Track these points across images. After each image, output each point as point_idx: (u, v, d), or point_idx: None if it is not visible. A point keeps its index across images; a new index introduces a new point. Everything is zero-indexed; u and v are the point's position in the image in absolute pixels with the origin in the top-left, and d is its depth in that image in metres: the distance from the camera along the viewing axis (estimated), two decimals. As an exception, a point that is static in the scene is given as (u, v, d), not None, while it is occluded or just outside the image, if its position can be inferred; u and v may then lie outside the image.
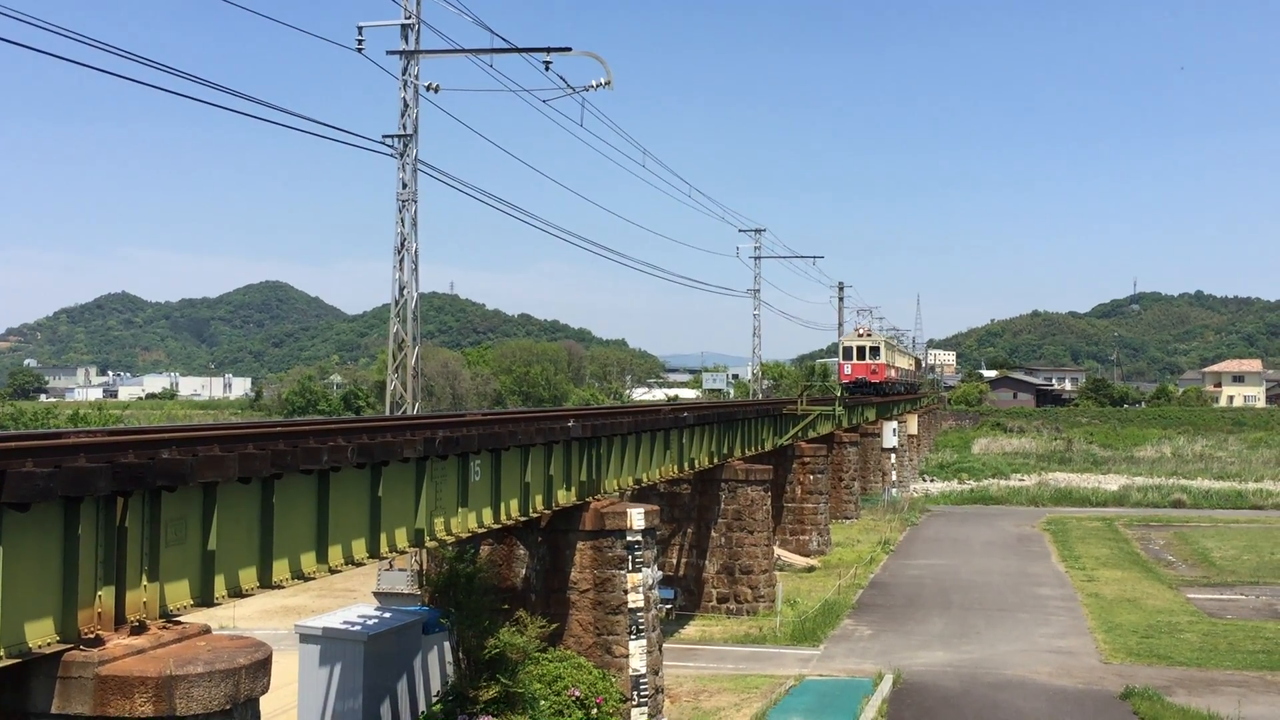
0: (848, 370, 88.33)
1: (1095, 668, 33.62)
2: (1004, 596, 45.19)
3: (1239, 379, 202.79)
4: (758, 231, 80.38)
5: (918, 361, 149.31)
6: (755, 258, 78.99)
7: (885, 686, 30.56)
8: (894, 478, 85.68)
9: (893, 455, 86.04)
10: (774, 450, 51.25)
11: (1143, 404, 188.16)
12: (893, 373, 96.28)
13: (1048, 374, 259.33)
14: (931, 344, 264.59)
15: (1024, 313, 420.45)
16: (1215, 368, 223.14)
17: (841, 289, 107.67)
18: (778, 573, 45.61)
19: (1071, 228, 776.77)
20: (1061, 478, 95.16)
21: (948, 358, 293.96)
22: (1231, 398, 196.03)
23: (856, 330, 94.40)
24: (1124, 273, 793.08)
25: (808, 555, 54.46)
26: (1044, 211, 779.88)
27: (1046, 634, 38.21)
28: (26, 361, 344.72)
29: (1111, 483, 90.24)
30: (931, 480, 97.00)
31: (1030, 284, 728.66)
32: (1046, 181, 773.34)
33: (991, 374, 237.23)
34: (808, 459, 56.99)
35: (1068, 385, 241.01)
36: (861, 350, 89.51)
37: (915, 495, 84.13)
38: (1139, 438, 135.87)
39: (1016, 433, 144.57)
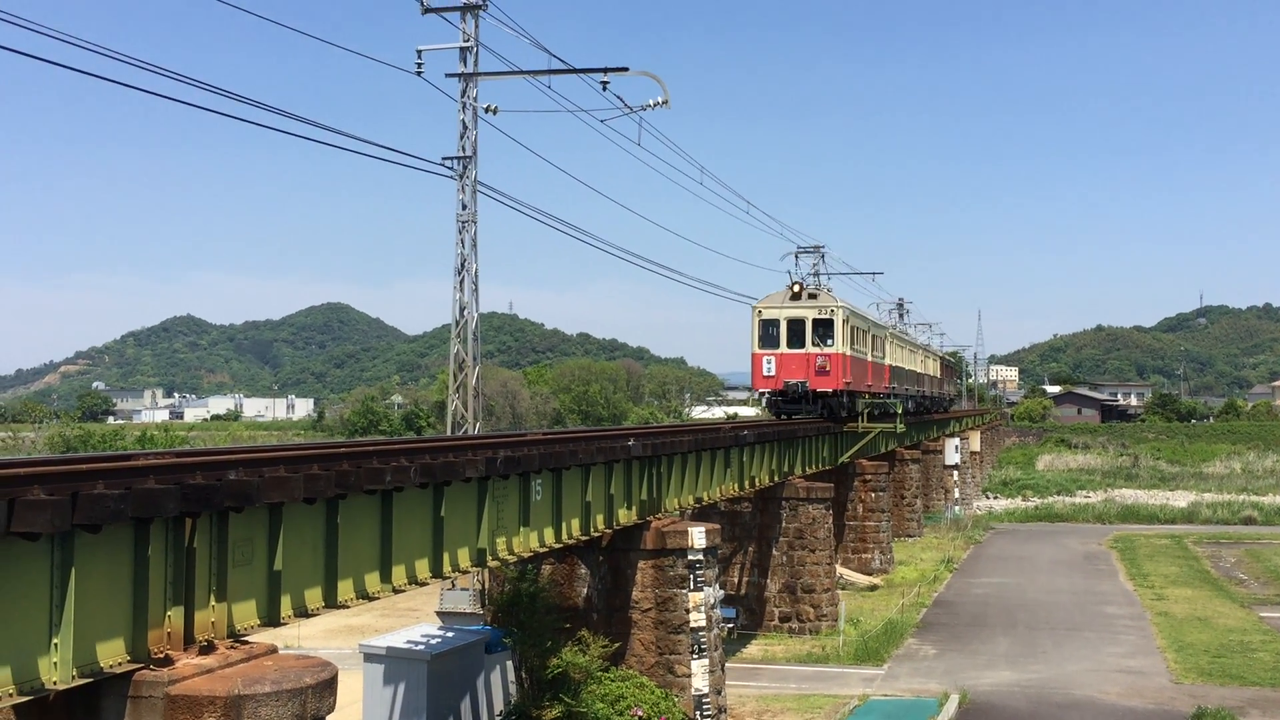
0: (768, 369, 47.11)
1: (1166, 688, 33.03)
2: (1071, 615, 44.55)
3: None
4: (817, 248, 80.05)
5: (945, 364, 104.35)
6: (814, 275, 78.57)
7: (951, 707, 30.21)
8: (957, 495, 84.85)
9: (955, 472, 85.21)
10: (835, 468, 50.94)
11: (1211, 419, 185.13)
12: (876, 376, 56.61)
13: (1113, 389, 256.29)
14: (993, 359, 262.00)
15: (1088, 327, 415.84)
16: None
17: (901, 304, 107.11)
18: (840, 591, 45.29)
19: (1135, 241, 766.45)
20: (1128, 494, 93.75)
21: (1010, 373, 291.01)
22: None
23: (790, 287, 48.28)
24: (1189, 286, 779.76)
25: (870, 574, 54.03)
26: (1107, 225, 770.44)
27: (1115, 653, 37.61)
28: (95, 384, 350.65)
29: (1180, 499, 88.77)
30: (995, 497, 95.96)
31: (1094, 298, 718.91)
32: (1109, 194, 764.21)
33: (1055, 390, 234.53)
34: (869, 476, 56.60)
35: (1133, 400, 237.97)
36: (797, 327, 47.00)
37: (979, 512, 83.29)
38: (1207, 453, 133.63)
39: (1081, 449, 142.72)
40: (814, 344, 46.77)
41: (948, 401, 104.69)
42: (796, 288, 48.00)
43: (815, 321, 47.06)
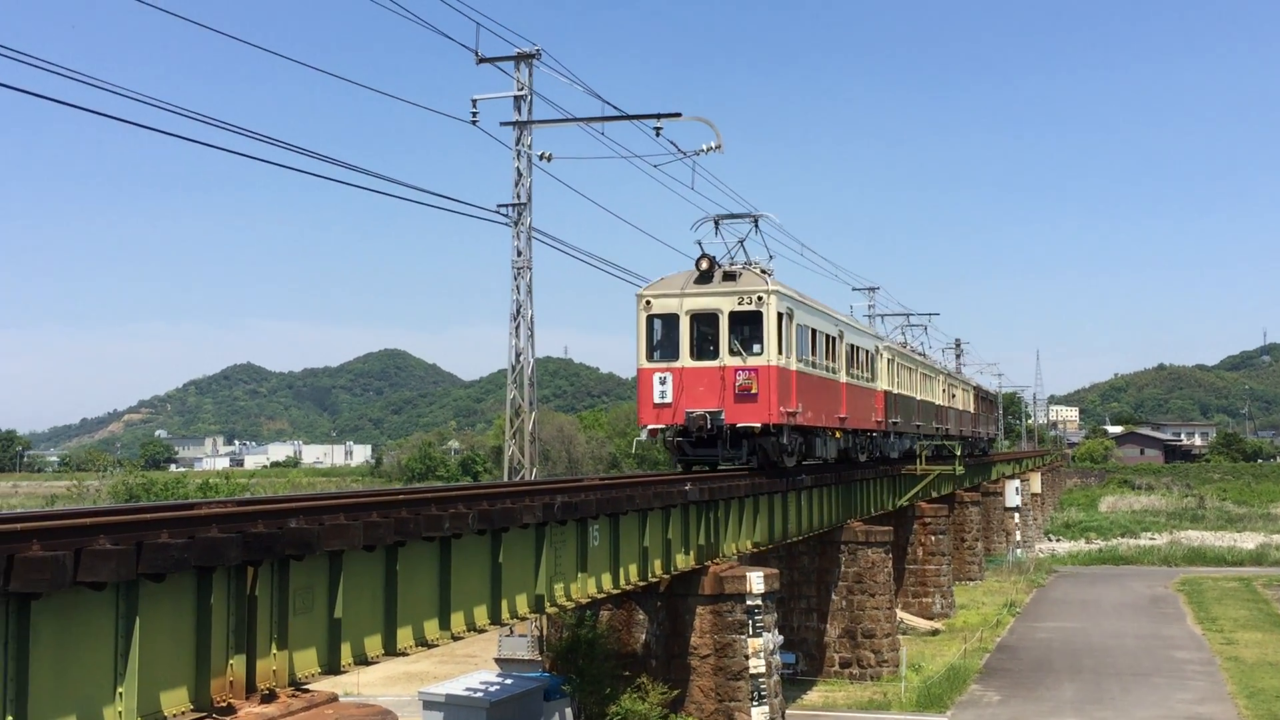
0: (661, 394, 30.15)
1: (1238, 735, 32.28)
2: (1138, 660, 43.71)
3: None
4: (871, 290, 79.89)
5: (981, 396, 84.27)
6: (869, 316, 78.31)
7: (1016, 754, 29.67)
8: (1018, 537, 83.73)
9: (1016, 514, 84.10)
10: (894, 511, 50.49)
11: (1278, 458, 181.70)
12: (856, 405, 39.24)
13: (1176, 429, 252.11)
14: (1053, 400, 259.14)
15: (1149, 366, 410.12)
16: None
17: (959, 345, 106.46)
18: (901, 636, 44.73)
19: (1197, 278, 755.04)
20: (1194, 536, 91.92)
21: (1070, 414, 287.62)
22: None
23: (697, 263, 30.64)
24: (1253, 323, 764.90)
25: (931, 618, 53.36)
26: (1168, 262, 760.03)
27: (1184, 700, 36.82)
28: (157, 432, 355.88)
29: (1248, 541, 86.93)
30: (1057, 540, 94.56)
31: (1154, 337, 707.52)
32: (1170, 231, 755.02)
33: (1117, 430, 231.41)
34: (929, 519, 56.01)
35: (1197, 440, 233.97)
36: (706, 324, 30.37)
37: (1041, 555, 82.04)
38: (1275, 493, 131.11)
39: (1145, 490, 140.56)
40: (733, 351, 29.82)
41: (985, 443, 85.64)
42: (705, 263, 30.64)
43: (735, 316, 30.00)
